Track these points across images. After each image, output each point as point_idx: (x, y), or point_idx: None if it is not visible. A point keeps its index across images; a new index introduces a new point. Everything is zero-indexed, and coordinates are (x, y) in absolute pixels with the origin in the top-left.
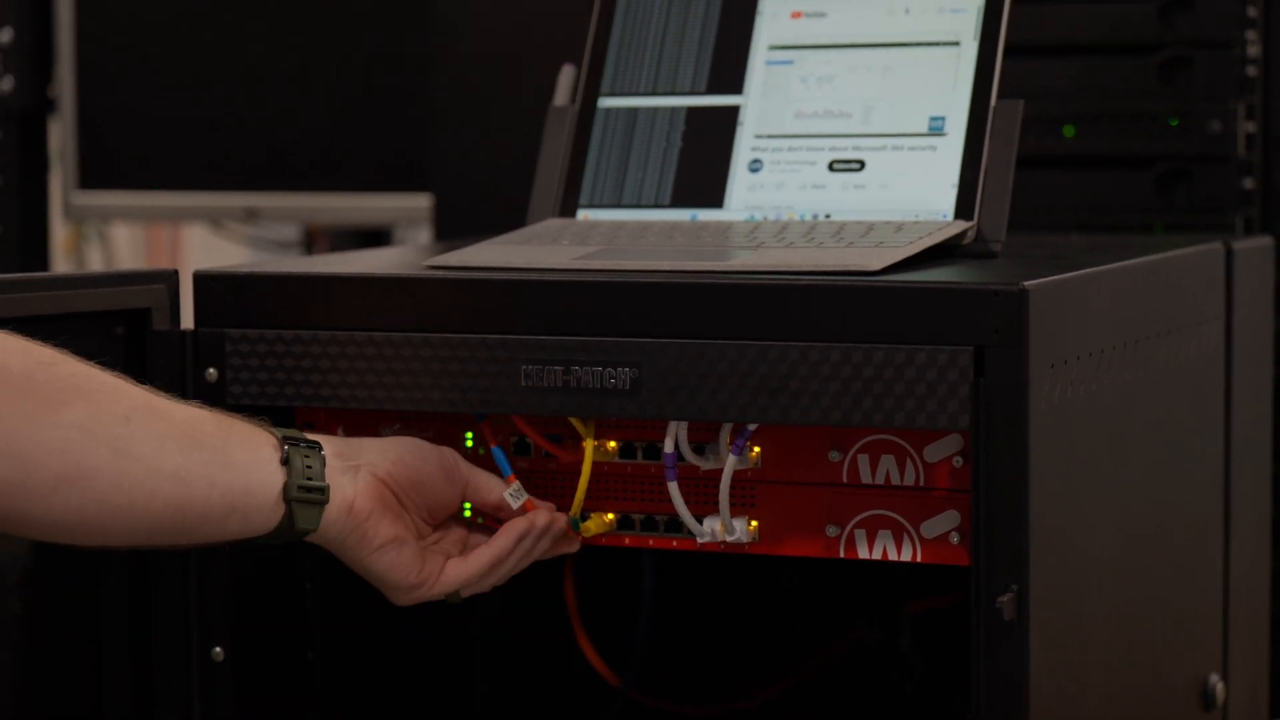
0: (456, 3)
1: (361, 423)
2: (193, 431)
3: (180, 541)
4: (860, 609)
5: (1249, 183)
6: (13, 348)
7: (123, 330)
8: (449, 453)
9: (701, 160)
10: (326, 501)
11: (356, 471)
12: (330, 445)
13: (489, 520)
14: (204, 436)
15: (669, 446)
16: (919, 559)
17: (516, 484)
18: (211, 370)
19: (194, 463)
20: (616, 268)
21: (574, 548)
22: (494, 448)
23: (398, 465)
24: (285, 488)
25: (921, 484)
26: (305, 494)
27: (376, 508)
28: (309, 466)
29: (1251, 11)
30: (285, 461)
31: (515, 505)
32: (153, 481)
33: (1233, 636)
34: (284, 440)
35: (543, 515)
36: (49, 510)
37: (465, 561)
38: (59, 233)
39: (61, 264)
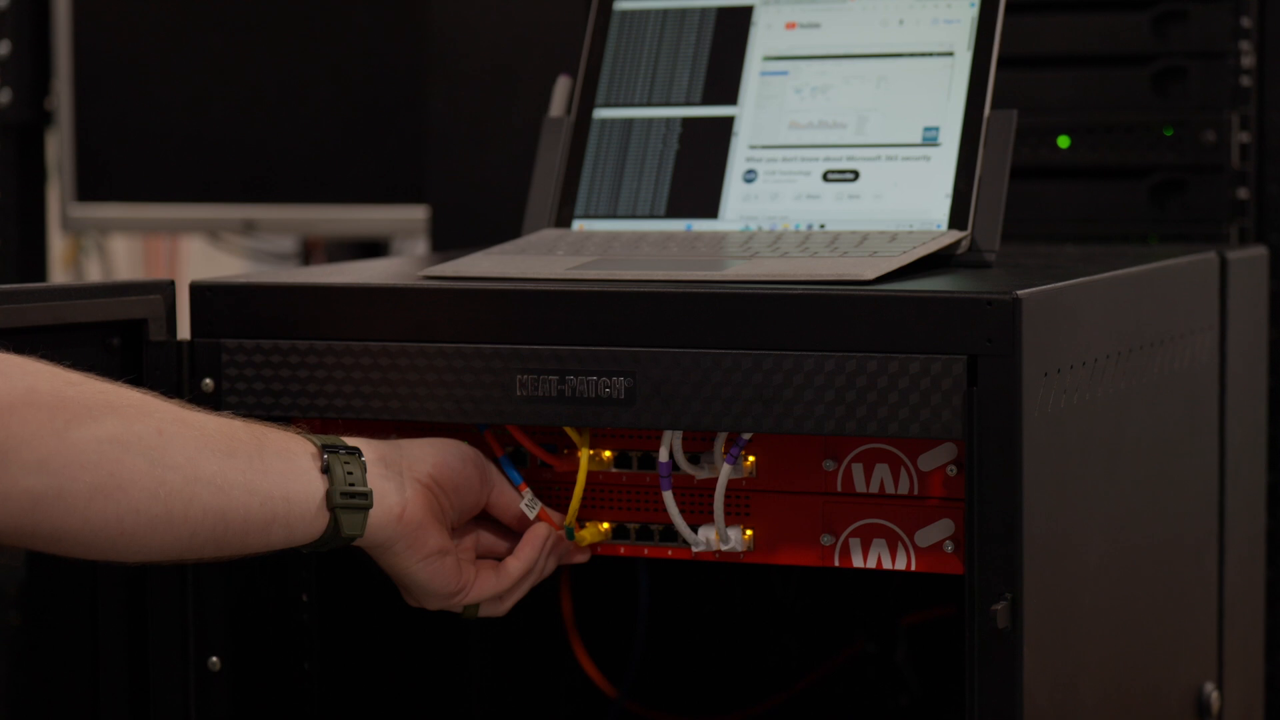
0: (453, 15)
1: (358, 433)
2: (228, 440)
3: (224, 553)
4: (856, 622)
5: (1243, 193)
6: (40, 370)
7: (119, 341)
8: (480, 454)
9: (696, 171)
10: (370, 506)
11: (402, 476)
12: (372, 449)
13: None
14: (239, 445)
15: (664, 456)
16: (913, 568)
17: (529, 492)
18: (208, 381)
19: (231, 470)
20: (611, 277)
21: (585, 557)
22: (500, 457)
23: (441, 469)
24: (328, 495)
25: (916, 493)
26: (349, 500)
27: (427, 516)
28: (350, 473)
29: (1245, 22)
30: (325, 469)
31: (532, 515)
32: (190, 489)
33: (1228, 645)
34: (323, 448)
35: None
36: (87, 522)
37: (497, 573)
38: (57, 245)
39: (60, 276)
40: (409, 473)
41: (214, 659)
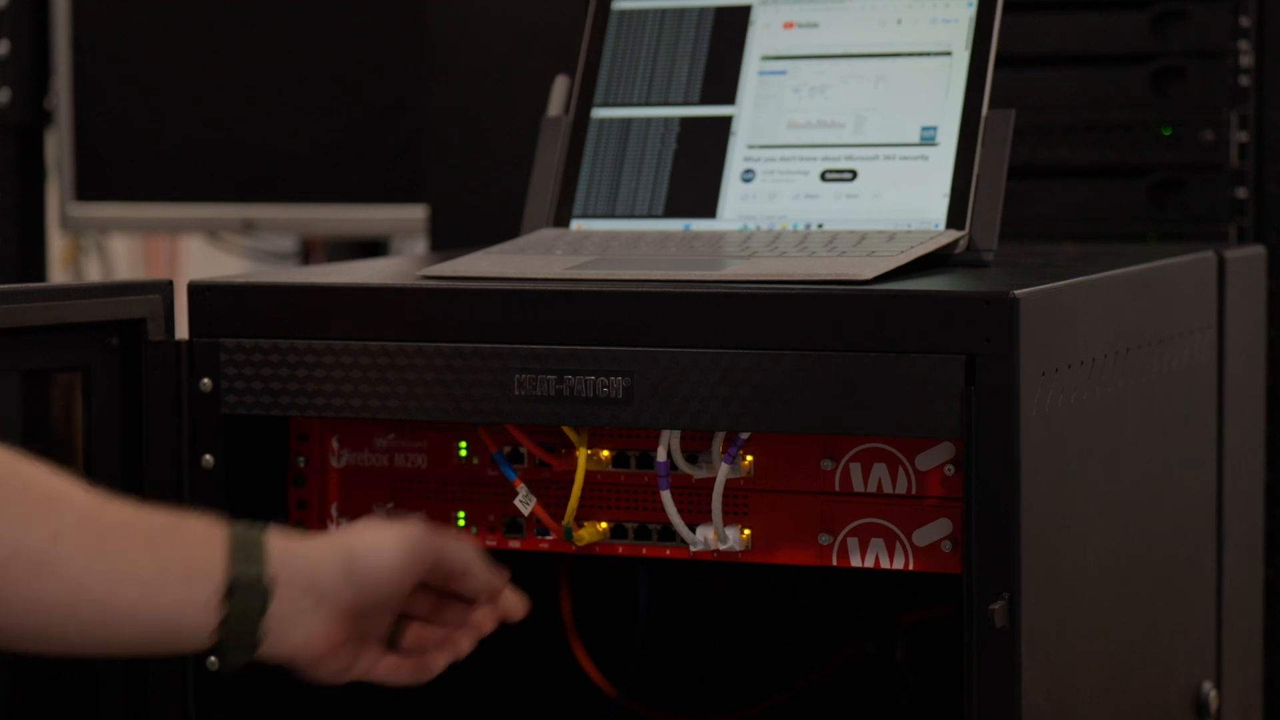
0: (451, 14)
1: (356, 431)
2: (130, 554)
3: (111, 654)
4: (855, 621)
5: (1242, 192)
6: None
7: (117, 341)
8: (435, 543)
9: (694, 170)
10: (257, 647)
11: (317, 607)
12: (290, 571)
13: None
14: (141, 563)
15: (662, 455)
16: (911, 567)
17: (524, 488)
18: (206, 380)
19: (123, 592)
20: (609, 277)
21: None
22: (495, 453)
23: (368, 590)
24: (219, 629)
25: (913, 492)
26: (237, 641)
27: (325, 652)
28: (244, 618)
29: (1244, 21)
30: (229, 593)
31: (526, 510)
32: (71, 607)
33: (1226, 644)
34: (231, 579)
35: (472, 631)
36: None
37: (399, 665)
38: (56, 244)
39: (59, 276)
40: (328, 600)
41: (213, 658)
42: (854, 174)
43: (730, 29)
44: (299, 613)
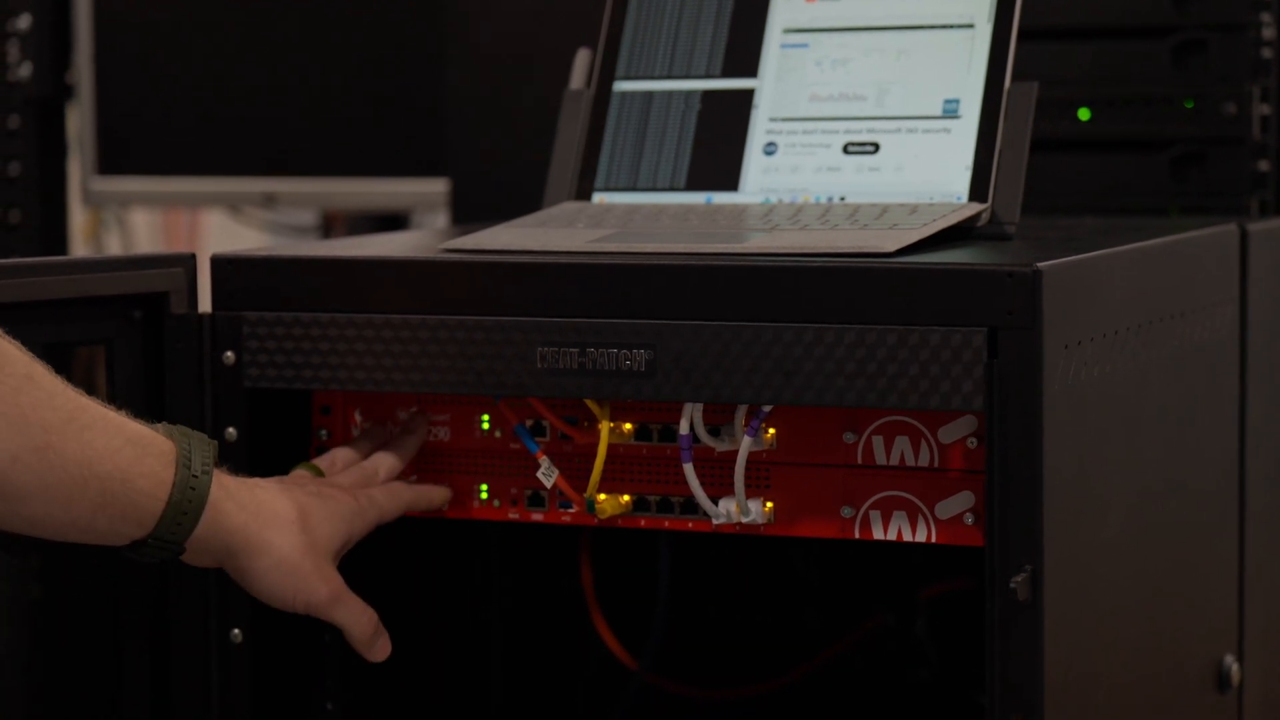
0: None
1: (378, 404)
2: (92, 427)
3: (59, 523)
4: (876, 595)
5: (1264, 165)
6: None
7: (140, 314)
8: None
9: (716, 143)
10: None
11: (256, 517)
12: (235, 480)
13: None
14: (99, 432)
15: (684, 428)
16: (934, 540)
17: (546, 461)
18: (229, 353)
19: (87, 448)
20: (631, 250)
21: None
22: (517, 426)
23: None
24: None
25: (936, 465)
26: (177, 515)
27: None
28: (190, 492)
29: None
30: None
31: (549, 483)
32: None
33: (1248, 618)
34: (181, 450)
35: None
36: None
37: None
38: (78, 218)
39: (80, 249)
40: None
41: (236, 631)
42: (876, 147)
43: (752, 2)
44: (239, 510)
